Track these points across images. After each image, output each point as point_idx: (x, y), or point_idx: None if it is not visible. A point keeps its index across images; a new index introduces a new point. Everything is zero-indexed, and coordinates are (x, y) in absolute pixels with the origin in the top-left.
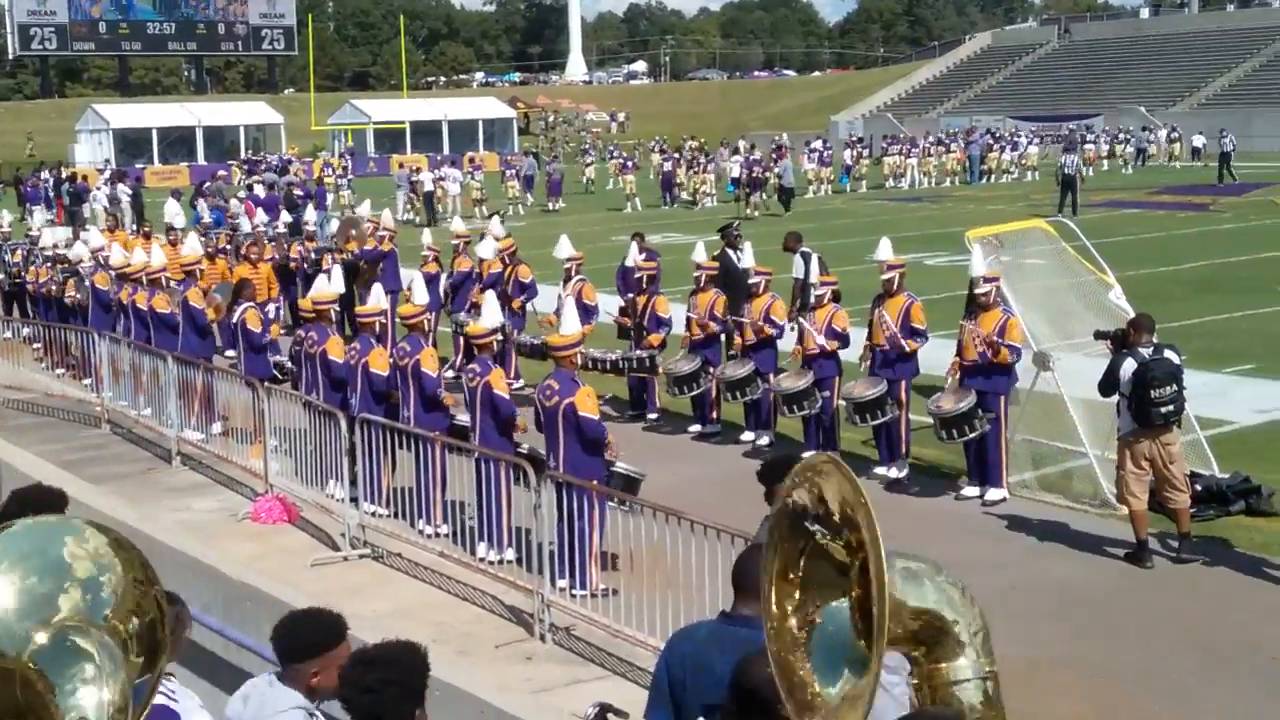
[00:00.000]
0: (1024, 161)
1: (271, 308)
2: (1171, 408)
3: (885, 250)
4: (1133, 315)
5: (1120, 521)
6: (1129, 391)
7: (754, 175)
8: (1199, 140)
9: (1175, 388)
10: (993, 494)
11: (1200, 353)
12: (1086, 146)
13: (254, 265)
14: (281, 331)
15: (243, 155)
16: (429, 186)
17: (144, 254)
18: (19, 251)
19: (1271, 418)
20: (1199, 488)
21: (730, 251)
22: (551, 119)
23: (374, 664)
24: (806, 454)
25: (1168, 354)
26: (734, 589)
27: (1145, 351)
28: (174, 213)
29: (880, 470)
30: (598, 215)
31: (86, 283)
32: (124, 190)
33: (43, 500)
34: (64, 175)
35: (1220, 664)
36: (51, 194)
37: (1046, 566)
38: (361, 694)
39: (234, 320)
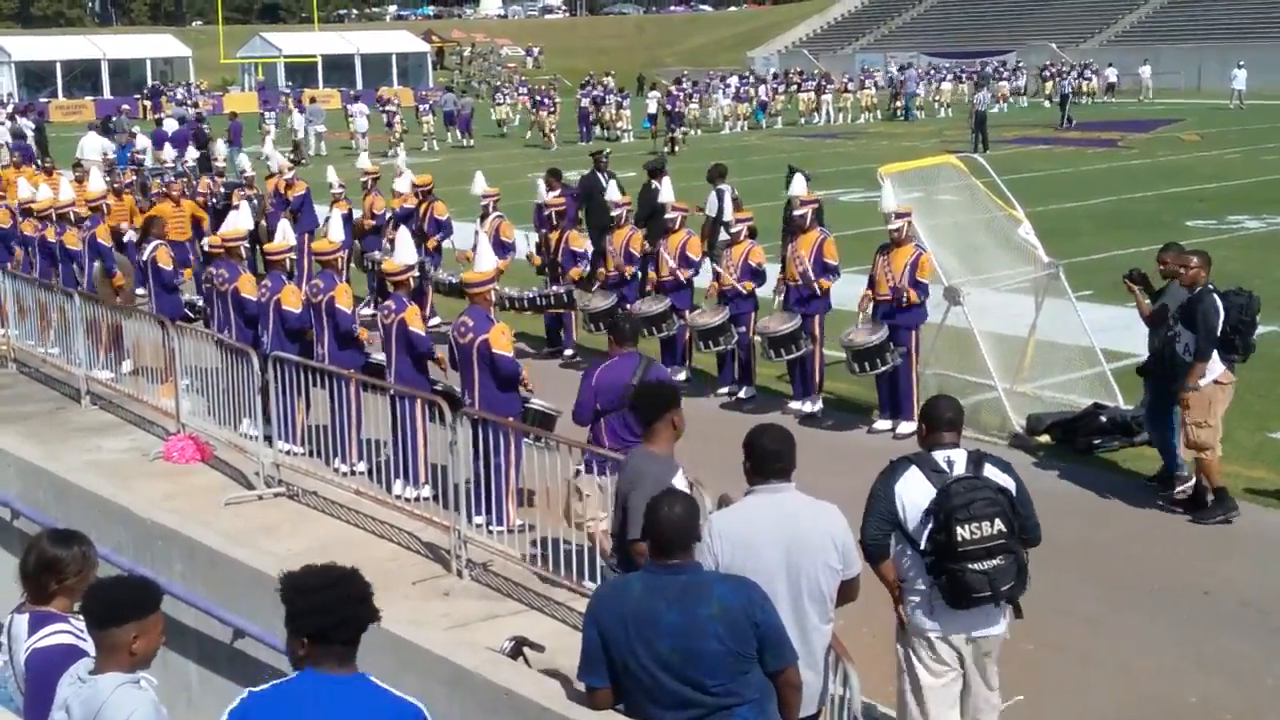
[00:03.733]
0: (938, 98)
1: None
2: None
3: (799, 186)
4: (1041, 251)
5: (1024, 452)
6: (1219, 331)
7: (673, 110)
8: (1112, 75)
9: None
10: (904, 426)
11: (1107, 287)
12: (1000, 84)
13: (175, 203)
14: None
15: (149, 87)
16: (300, 131)
17: (49, 190)
18: None
19: None
20: (1104, 419)
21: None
22: (467, 53)
23: (334, 584)
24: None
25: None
26: (661, 543)
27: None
28: (94, 147)
29: (794, 405)
30: (513, 152)
31: None
32: (27, 125)
33: None
34: None
35: (1124, 591)
36: None
37: None
38: (322, 615)
39: (144, 258)
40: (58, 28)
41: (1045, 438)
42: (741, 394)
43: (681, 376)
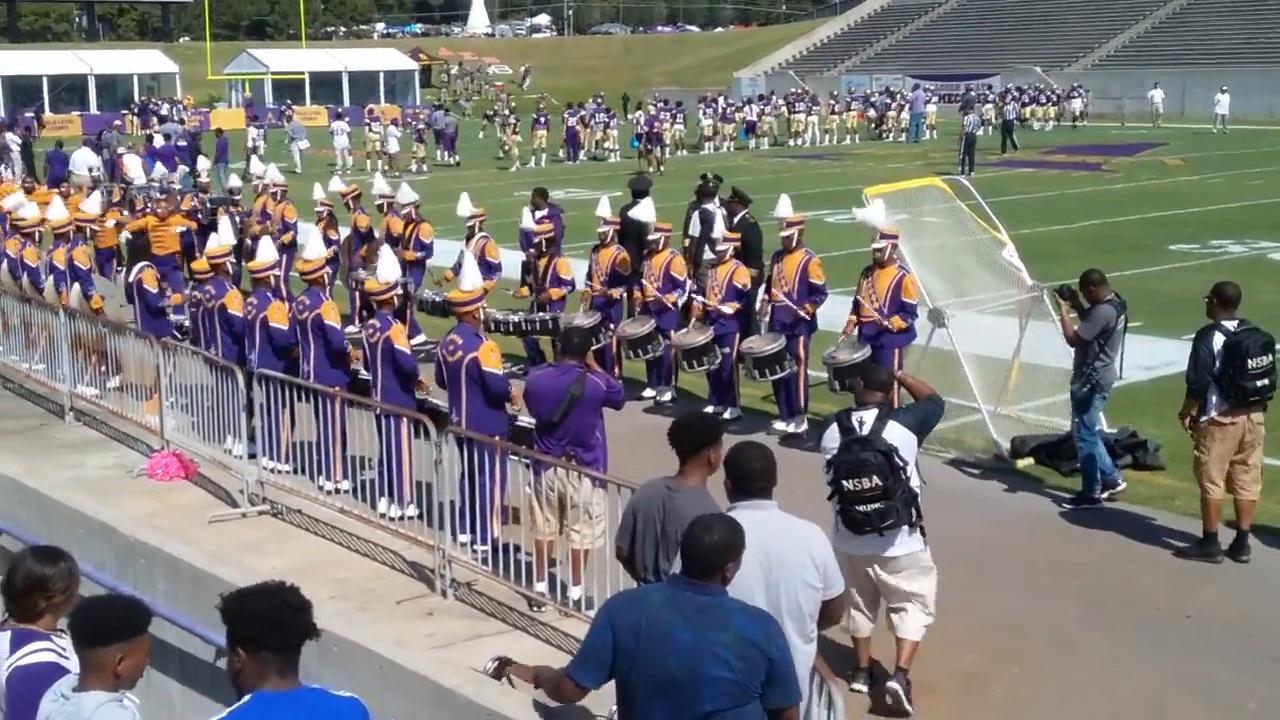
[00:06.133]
0: (925, 120)
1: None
2: (1267, 381)
3: (785, 207)
4: (1025, 273)
5: (1010, 475)
6: (1219, 367)
7: (653, 131)
8: (1078, 104)
9: (1270, 359)
10: None
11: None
12: (986, 107)
13: (162, 220)
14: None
15: (136, 103)
16: (250, 143)
17: (35, 207)
18: None
19: (1158, 374)
20: None
21: (710, 206)
22: (454, 71)
23: (269, 592)
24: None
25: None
26: (690, 562)
27: (1230, 324)
28: (82, 163)
29: (779, 425)
30: (498, 170)
31: None
32: (13, 139)
33: None
34: None
35: (1104, 614)
36: None
37: (938, 519)
38: (253, 619)
39: (129, 279)
40: (44, 42)
41: (1029, 460)
42: (726, 414)
43: (667, 397)
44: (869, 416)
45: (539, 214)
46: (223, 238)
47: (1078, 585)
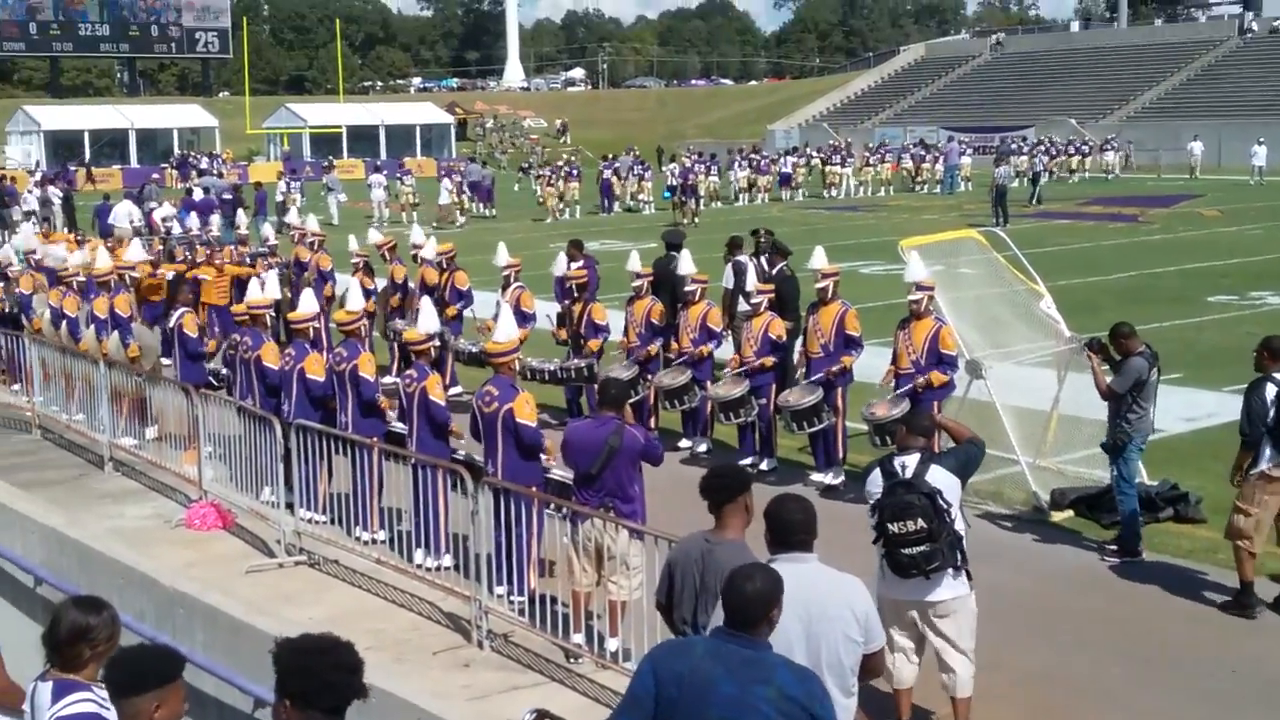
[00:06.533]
0: (959, 172)
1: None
2: None
3: (820, 259)
4: (1063, 324)
5: (1049, 528)
6: (1273, 418)
7: (688, 183)
8: (1112, 156)
9: None
10: None
11: None
12: (1018, 159)
13: (218, 269)
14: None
15: (175, 157)
16: (280, 196)
17: (82, 255)
18: None
19: (1198, 426)
20: None
21: (742, 258)
22: (489, 125)
23: (325, 650)
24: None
25: None
26: (732, 613)
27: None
28: (124, 214)
29: (816, 477)
30: (533, 222)
31: (15, 289)
32: (55, 193)
33: None
34: None
35: (1147, 668)
36: None
37: (980, 571)
38: (307, 677)
39: (170, 325)
40: (86, 97)
41: (1068, 513)
42: (764, 465)
43: (703, 448)
44: (911, 461)
45: (574, 265)
46: (268, 290)
47: (1119, 639)
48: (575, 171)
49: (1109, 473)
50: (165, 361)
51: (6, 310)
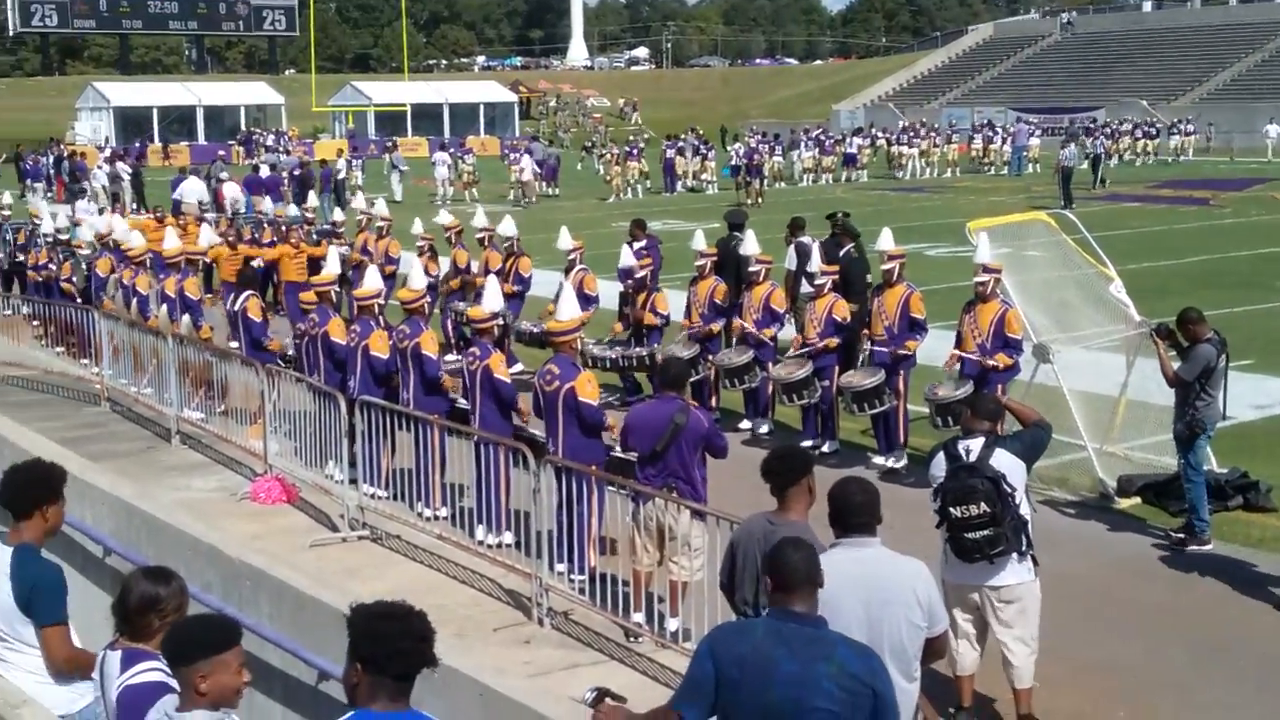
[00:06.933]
0: (1027, 154)
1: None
2: None
3: (886, 240)
4: (1132, 309)
5: (1115, 515)
6: None
7: (752, 163)
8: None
9: None
10: None
11: None
12: (1088, 140)
13: (295, 246)
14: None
15: (242, 134)
16: (343, 173)
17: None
18: (22, 231)
19: (1270, 413)
20: None
21: (805, 239)
22: (553, 104)
23: (398, 617)
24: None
25: None
26: (780, 587)
27: None
28: (193, 192)
29: (878, 460)
30: (597, 201)
31: (84, 266)
32: (124, 169)
33: (39, 477)
34: (64, 153)
35: (1215, 658)
36: (51, 172)
37: (1044, 558)
38: (379, 642)
39: (234, 308)
40: (155, 74)
41: (1134, 500)
42: (825, 448)
43: (764, 430)
44: (976, 445)
45: (637, 245)
46: (329, 268)
47: (1184, 628)
48: (636, 151)
49: (1177, 460)
50: (233, 344)
51: (76, 288)
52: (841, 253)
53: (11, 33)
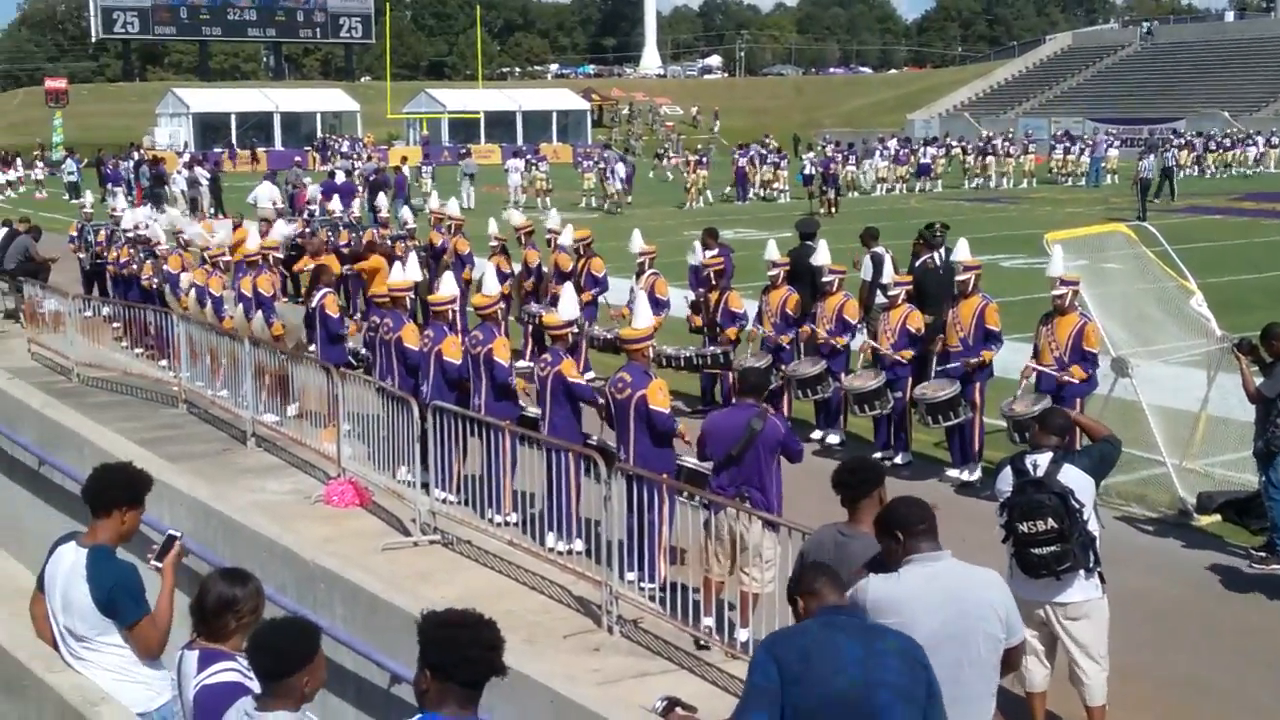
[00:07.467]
0: (1105, 165)
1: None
2: None
3: (962, 251)
4: (1213, 323)
5: (1194, 532)
6: None
7: (829, 172)
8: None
9: None
10: None
11: None
12: (1174, 151)
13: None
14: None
15: (318, 140)
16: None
17: (225, 234)
18: (102, 232)
19: None
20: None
21: (880, 250)
22: (626, 112)
23: (467, 625)
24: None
25: None
26: (810, 589)
27: None
28: (266, 196)
29: (952, 473)
30: (669, 209)
31: (163, 266)
32: (202, 174)
33: (125, 480)
34: (144, 158)
35: None
36: (131, 177)
37: (1120, 575)
38: (449, 649)
39: (312, 305)
40: (233, 81)
41: (1216, 517)
42: (898, 459)
43: (836, 440)
44: (1044, 460)
45: (709, 254)
46: (409, 273)
47: (1263, 648)
48: (705, 159)
49: (1258, 477)
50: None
51: (154, 287)
52: (917, 263)
53: (94, 39)
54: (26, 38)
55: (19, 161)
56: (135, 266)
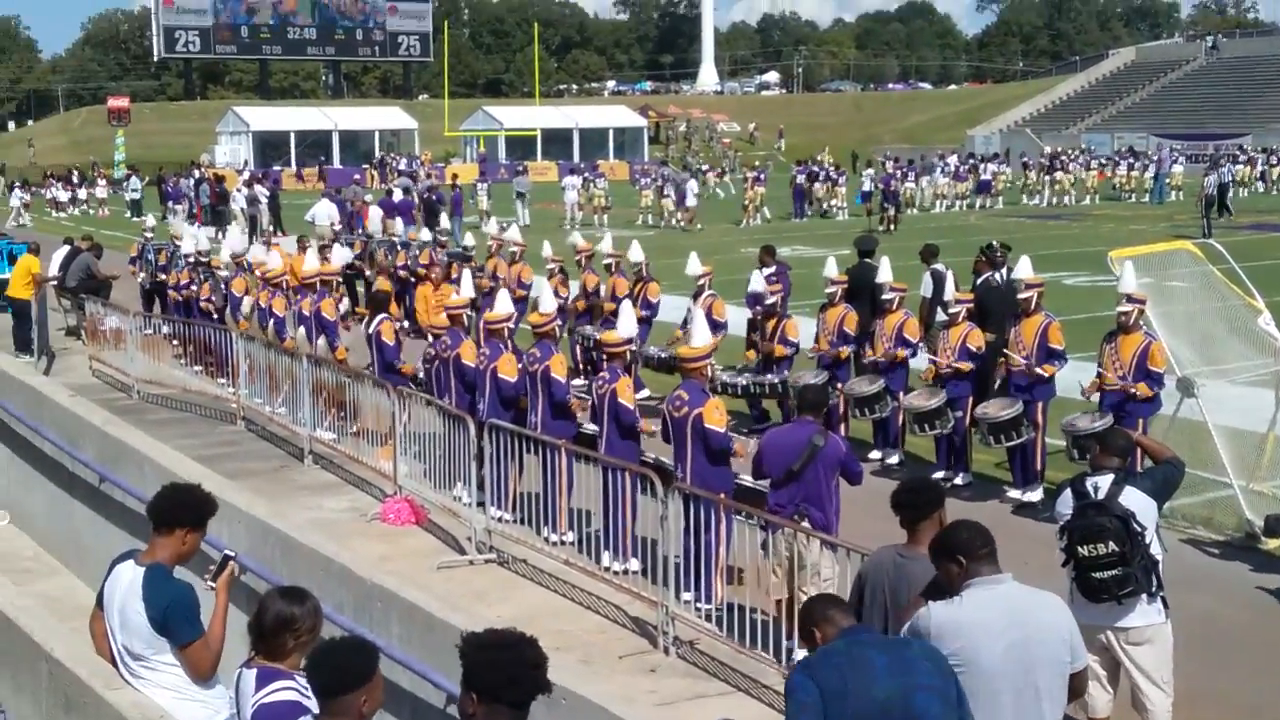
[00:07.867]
0: (1169, 181)
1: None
2: None
3: (1025, 269)
4: None
5: (1261, 556)
6: None
7: (889, 189)
8: None
9: None
10: None
11: None
12: (1236, 167)
13: (435, 286)
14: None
15: (376, 158)
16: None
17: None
18: (164, 252)
19: None
20: None
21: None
22: (683, 129)
23: (509, 645)
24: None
25: None
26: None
27: None
28: (325, 214)
29: (1013, 493)
30: (725, 226)
31: (222, 286)
32: (261, 192)
33: (191, 500)
34: (205, 176)
35: None
36: (191, 195)
37: (1186, 598)
38: (494, 671)
39: (369, 331)
40: (293, 99)
41: None
42: (958, 480)
43: (895, 460)
44: (1104, 481)
45: (767, 271)
46: (463, 292)
47: None
48: (762, 175)
49: None
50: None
51: (213, 309)
52: (979, 280)
53: (156, 58)
54: (90, 57)
55: (76, 175)
56: (195, 288)
